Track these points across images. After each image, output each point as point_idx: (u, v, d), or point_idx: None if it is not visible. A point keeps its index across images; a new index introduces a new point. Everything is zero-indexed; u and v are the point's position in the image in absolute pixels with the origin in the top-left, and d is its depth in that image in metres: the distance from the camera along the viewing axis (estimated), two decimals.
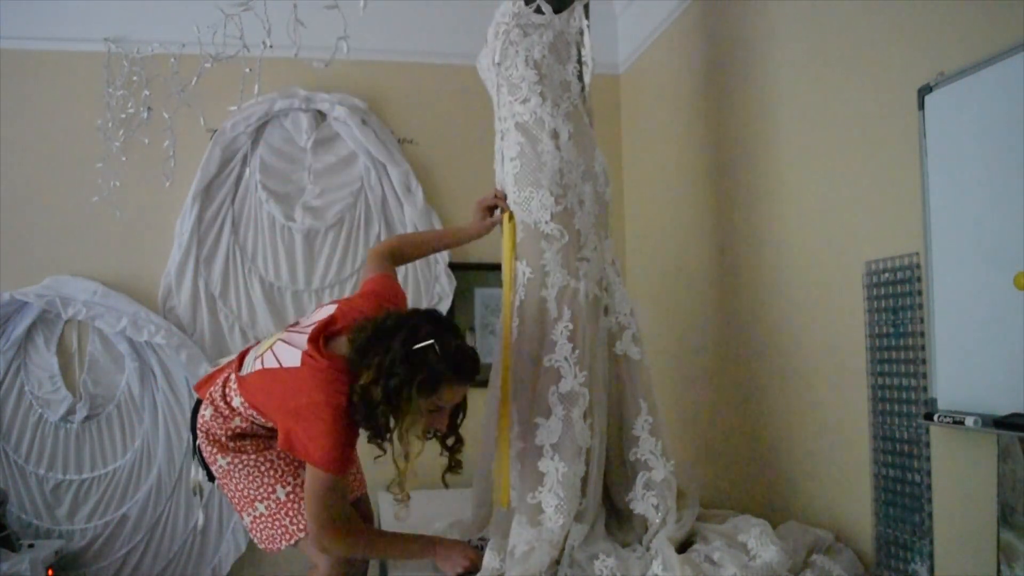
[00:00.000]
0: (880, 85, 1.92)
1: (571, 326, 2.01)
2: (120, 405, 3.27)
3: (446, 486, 1.97)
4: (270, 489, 1.89)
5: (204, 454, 1.93)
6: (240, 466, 1.90)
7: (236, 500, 1.92)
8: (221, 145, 3.33)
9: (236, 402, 1.85)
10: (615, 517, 2.11)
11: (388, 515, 2.72)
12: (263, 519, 1.90)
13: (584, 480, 1.99)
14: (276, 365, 1.74)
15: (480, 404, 2.35)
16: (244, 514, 1.93)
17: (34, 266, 3.24)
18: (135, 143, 3.19)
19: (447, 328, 1.76)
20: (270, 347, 1.81)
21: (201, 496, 2.26)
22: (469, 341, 1.78)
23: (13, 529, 2.96)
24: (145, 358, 3.27)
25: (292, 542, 1.89)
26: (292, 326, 1.90)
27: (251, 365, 1.83)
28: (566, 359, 1.98)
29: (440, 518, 2.36)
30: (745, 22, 2.56)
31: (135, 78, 3.23)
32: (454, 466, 1.92)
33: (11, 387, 3.20)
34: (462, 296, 3.51)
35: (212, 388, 1.92)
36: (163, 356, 3.26)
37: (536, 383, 1.99)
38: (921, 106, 1.72)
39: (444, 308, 3.44)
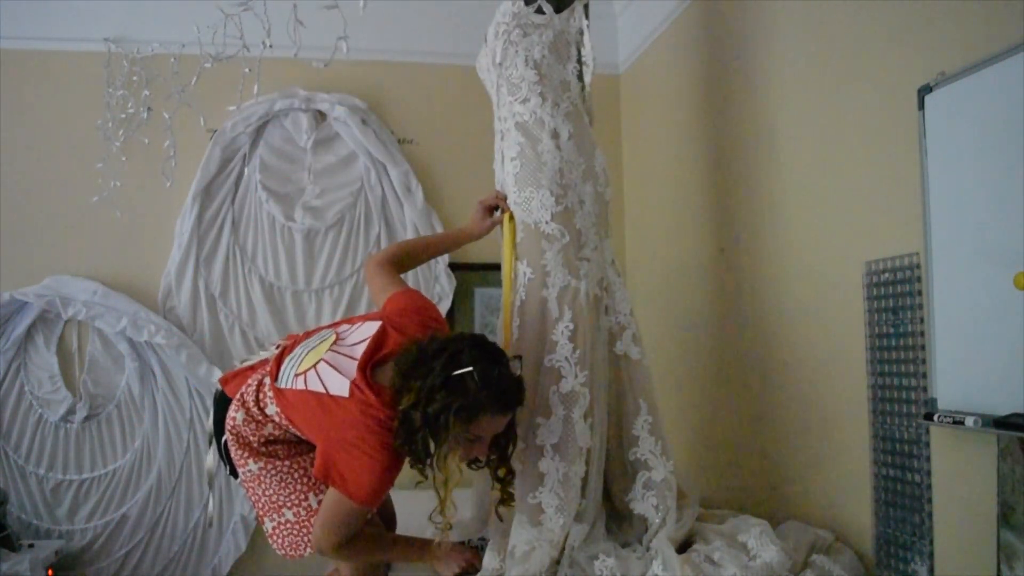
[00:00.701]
0: (880, 85, 1.92)
1: (572, 326, 2.01)
2: (120, 405, 3.27)
3: (500, 519, 1.96)
4: (302, 496, 1.84)
5: (233, 456, 1.88)
6: (273, 472, 1.84)
7: (262, 505, 1.88)
8: (221, 145, 3.33)
9: (271, 410, 1.80)
10: (615, 517, 2.11)
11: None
12: (289, 525, 1.86)
13: (584, 480, 1.99)
14: (322, 390, 1.69)
15: None
16: (267, 519, 1.88)
17: (34, 266, 3.24)
18: (135, 143, 3.19)
19: (490, 355, 1.69)
20: (313, 367, 1.74)
21: (211, 486, 2.24)
22: (515, 369, 1.73)
23: (13, 529, 2.97)
24: (145, 358, 3.27)
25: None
26: (335, 343, 1.80)
27: (290, 379, 1.77)
28: (567, 359, 1.98)
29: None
30: (745, 22, 2.56)
31: (135, 78, 3.24)
32: (505, 499, 1.90)
33: (11, 387, 3.20)
34: (462, 296, 3.51)
35: (244, 389, 1.86)
36: (163, 356, 3.26)
37: (536, 383, 1.99)
38: (921, 106, 1.71)
39: (444, 308, 3.44)
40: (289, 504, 1.84)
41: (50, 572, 2.90)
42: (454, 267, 3.48)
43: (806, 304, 2.25)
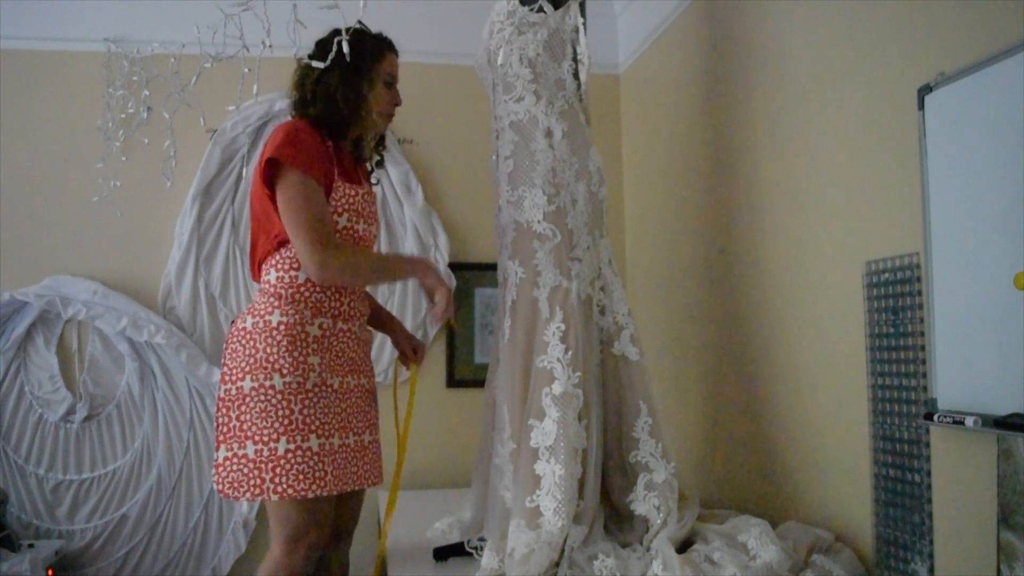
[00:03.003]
0: (880, 85, 1.92)
1: (563, 327, 2.01)
2: (120, 405, 3.27)
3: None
4: (273, 436, 1.72)
5: (226, 372, 1.80)
6: (259, 398, 1.74)
7: (228, 430, 1.77)
8: (221, 145, 3.33)
9: (272, 276, 1.89)
10: (615, 518, 2.11)
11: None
12: (243, 461, 1.73)
13: (581, 482, 1.98)
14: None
15: (477, 403, 2.36)
16: (225, 447, 1.77)
17: (34, 266, 3.24)
18: (135, 143, 3.19)
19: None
20: None
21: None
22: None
23: (13, 529, 2.96)
24: (145, 358, 3.27)
25: (255, 498, 1.73)
26: None
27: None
28: (559, 360, 1.98)
29: (440, 518, 2.36)
30: (745, 22, 2.56)
31: (135, 78, 3.23)
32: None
33: (11, 387, 3.20)
34: (462, 296, 3.51)
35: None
36: (163, 356, 3.26)
37: (528, 384, 1.99)
38: (921, 106, 1.71)
39: None
40: (256, 439, 1.73)
41: (50, 572, 2.90)
42: (454, 267, 3.48)
43: (806, 304, 2.25)
